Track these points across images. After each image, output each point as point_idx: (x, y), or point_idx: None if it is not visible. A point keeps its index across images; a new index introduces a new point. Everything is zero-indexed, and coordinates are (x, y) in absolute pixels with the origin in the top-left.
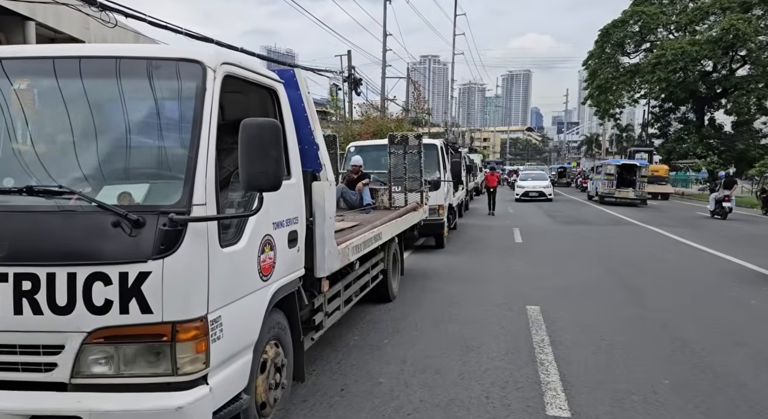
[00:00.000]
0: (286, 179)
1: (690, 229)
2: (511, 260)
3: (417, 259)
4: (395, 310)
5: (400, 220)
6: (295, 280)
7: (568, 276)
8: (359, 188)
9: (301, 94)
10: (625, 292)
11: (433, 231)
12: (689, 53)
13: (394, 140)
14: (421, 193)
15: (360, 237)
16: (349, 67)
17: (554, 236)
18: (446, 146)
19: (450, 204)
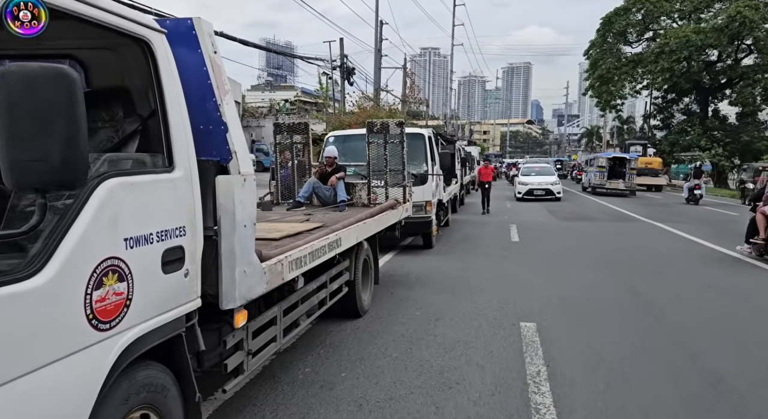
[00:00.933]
0: (163, 172)
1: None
2: (506, 262)
3: (401, 261)
4: (363, 329)
5: (371, 221)
6: (179, 319)
7: (568, 283)
8: (332, 183)
9: (203, 55)
10: (633, 301)
11: (419, 230)
12: (694, 42)
13: (373, 128)
14: (403, 188)
15: (305, 247)
16: (341, 56)
17: (553, 234)
18: (436, 137)
19: (440, 200)
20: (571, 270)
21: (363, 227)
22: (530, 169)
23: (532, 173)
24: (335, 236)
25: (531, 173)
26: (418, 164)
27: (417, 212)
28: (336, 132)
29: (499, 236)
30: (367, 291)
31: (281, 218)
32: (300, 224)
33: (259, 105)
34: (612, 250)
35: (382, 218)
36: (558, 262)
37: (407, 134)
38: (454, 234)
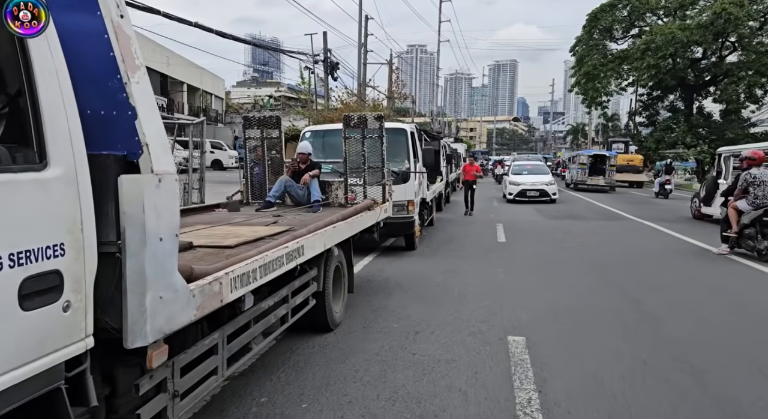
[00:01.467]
0: (27, 170)
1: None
2: (493, 266)
3: (380, 265)
4: (333, 346)
5: (343, 225)
6: (55, 369)
7: (558, 288)
8: (305, 181)
9: (103, 20)
10: (629, 308)
11: (401, 231)
12: (679, 39)
13: (350, 122)
14: (383, 187)
15: (255, 259)
16: (324, 50)
17: (541, 234)
18: (419, 132)
19: (423, 199)
20: (561, 274)
21: (333, 231)
22: (522, 167)
23: (524, 171)
24: (296, 244)
25: (523, 172)
26: (400, 161)
27: (398, 212)
28: (313, 127)
29: (485, 237)
30: (340, 302)
31: (246, 221)
32: (264, 228)
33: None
34: (602, 250)
35: (357, 221)
36: (547, 265)
37: (388, 129)
38: (439, 234)
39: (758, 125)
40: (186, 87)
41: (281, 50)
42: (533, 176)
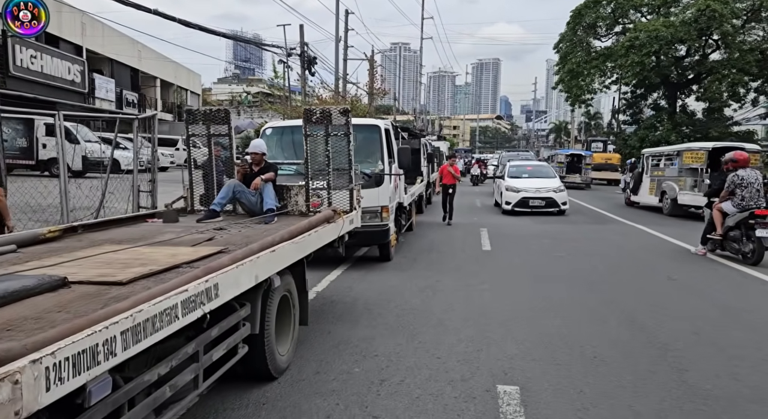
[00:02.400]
0: None
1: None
2: (478, 280)
3: (349, 280)
4: (273, 404)
5: (288, 246)
6: None
7: (554, 311)
8: (256, 186)
9: None
10: (642, 341)
11: (374, 241)
12: (664, 36)
13: (311, 117)
14: (350, 192)
15: (113, 320)
16: (301, 44)
17: (528, 241)
18: (395, 129)
19: (400, 203)
20: (556, 291)
21: (271, 257)
22: (520, 169)
23: (523, 174)
24: (204, 283)
25: (522, 175)
26: (373, 162)
27: (371, 220)
28: (274, 123)
29: (468, 244)
30: (287, 341)
31: (174, 238)
32: (189, 250)
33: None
34: (598, 261)
35: (310, 239)
36: (537, 278)
37: (359, 125)
38: (418, 241)
39: (743, 123)
40: (159, 82)
41: (254, 43)
42: (536, 181)
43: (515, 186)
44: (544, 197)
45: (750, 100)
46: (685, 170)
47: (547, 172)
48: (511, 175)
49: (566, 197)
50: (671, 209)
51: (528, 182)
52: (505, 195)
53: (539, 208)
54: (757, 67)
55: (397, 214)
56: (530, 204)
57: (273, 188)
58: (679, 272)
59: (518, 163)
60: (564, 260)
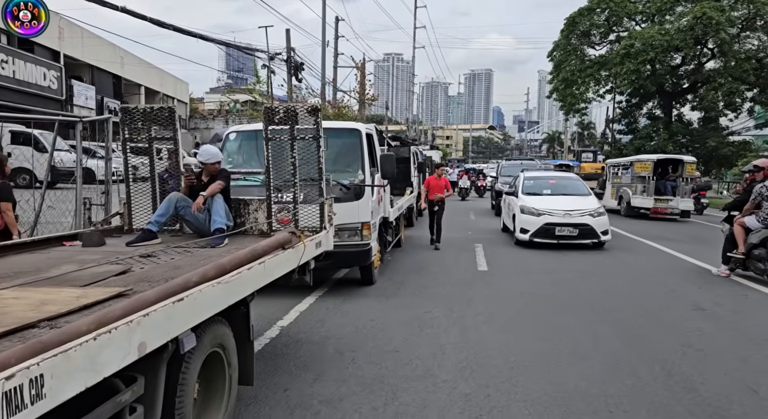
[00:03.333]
0: None
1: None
2: (472, 311)
3: (323, 311)
4: None
5: (211, 291)
6: None
7: (567, 358)
8: (198, 206)
9: None
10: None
11: (353, 262)
12: (660, 43)
13: (273, 117)
14: (320, 207)
15: None
16: (287, 49)
17: (529, 260)
18: (380, 134)
19: (385, 218)
20: (566, 325)
21: (172, 312)
22: (540, 182)
23: (544, 189)
24: (24, 371)
25: (543, 191)
26: (353, 172)
27: (350, 238)
28: (239, 127)
29: (462, 263)
30: (219, 413)
31: (75, 271)
32: (72, 294)
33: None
34: (609, 282)
35: (249, 275)
36: (543, 310)
37: (336, 129)
38: (406, 259)
39: (741, 133)
40: (143, 90)
41: (236, 46)
42: (564, 200)
43: (535, 207)
44: (577, 224)
45: (746, 109)
46: (636, 178)
47: (577, 187)
48: (528, 191)
49: (607, 222)
50: (626, 210)
51: (552, 202)
52: (520, 220)
53: (569, 238)
54: (755, 76)
55: (381, 230)
56: (557, 233)
57: (226, 202)
58: (704, 299)
59: (536, 174)
60: (570, 283)
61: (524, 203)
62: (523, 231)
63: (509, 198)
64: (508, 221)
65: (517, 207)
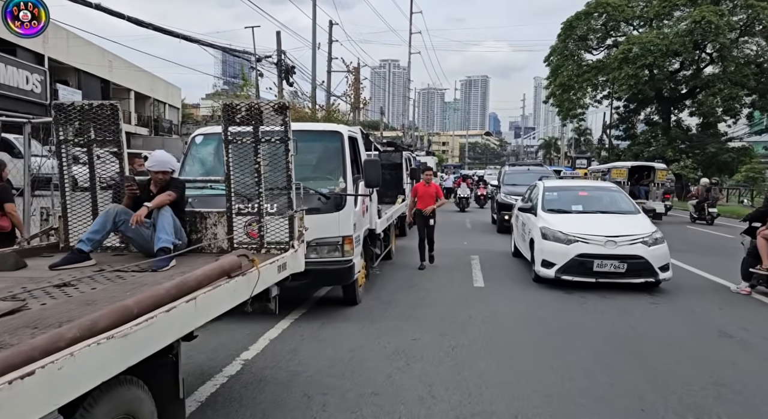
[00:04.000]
0: None
1: None
2: (467, 339)
3: (297, 338)
4: None
5: (98, 350)
6: None
7: (585, 402)
8: (138, 220)
9: None
10: None
11: (334, 281)
12: (659, 47)
13: (233, 116)
14: (290, 220)
15: None
16: (278, 52)
17: (527, 272)
18: (366, 138)
19: (371, 230)
20: (578, 358)
21: (27, 385)
22: (566, 194)
23: (572, 205)
24: None
25: (571, 207)
26: (333, 179)
27: (329, 254)
28: (206, 129)
29: (456, 279)
30: None
31: None
32: None
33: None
34: (623, 302)
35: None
36: (549, 337)
37: (315, 132)
38: (396, 273)
39: (744, 138)
40: (133, 95)
41: (223, 48)
42: (603, 219)
43: (562, 230)
44: (626, 256)
45: (745, 115)
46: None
47: (618, 201)
48: (551, 207)
49: (667, 253)
50: None
51: (587, 223)
52: (541, 248)
53: (614, 276)
54: (755, 81)
55: (367, 243)
56: (596, 269)
57: (179, 216)
58: (730, 323)
59: (561, 184)
60: (575, 301)
61: (546, 223)
62: (546, 264)
63: (524, 216)
64: (523, 246)
65: (536, 230)
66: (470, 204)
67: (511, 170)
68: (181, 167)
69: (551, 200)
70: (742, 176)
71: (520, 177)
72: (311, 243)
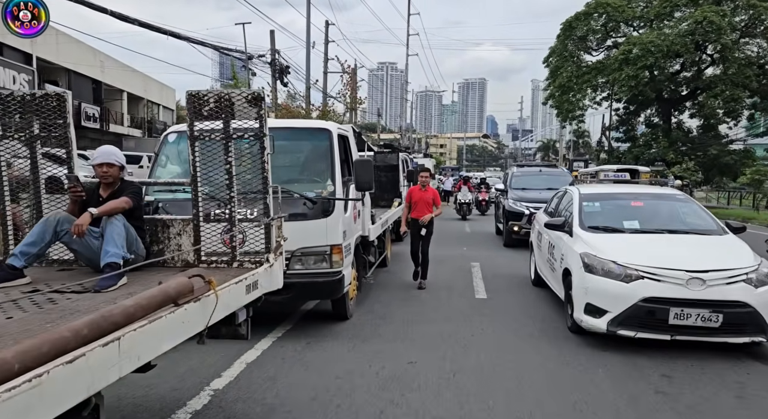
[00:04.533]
0: None
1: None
2: (471, 362)
3: (277, 361)
4: None
5: None
6: None
7: None
8: (79, 229)
9: None
10: None
11: (320, 294)
12: (660, 47)
13: (200, 109)
14: (266, 229)
15: None
16: (272, 51)
17: (530, 282)
18: (358, 136)
19: (364, 237)
20: (595, 389)
21: None
22: (614, 205)
23: (625, 221)
24: None
25: (624, 223)
26: (321, 182)
27: (316, 265)
28: (180, 126)
29: (456, 289)
30: None
31: None
32: None
33: None
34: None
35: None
36: (563, 358)
37: (300, 129)
38: (392, 282)
39: (747, 140)
40: (126, 96)
41: (214, 46)
42: (676, 243)
43: (618, 261)
44: (720, 303)
45: (746, 117)
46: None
47: (693, 216)
48: (594, 224)
49: None
50: None
51: (653, 249)
52: (584, 284)
53: (701, 332)
54: (757, 82)
55: (360, 251)
56: (672, 320)
57: (134, 224)
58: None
59: (603, 190)
60: None
61: (590, 248)
62: (593, 311)
63: (552, 235)
64: (551, 278)
65: (573, 257)
66: (472, 211)
67: (519, 171)
68: (152, 168)
69: (592, 213)
70: (747, 178)
71: (531, 180)
72: (296, 253)
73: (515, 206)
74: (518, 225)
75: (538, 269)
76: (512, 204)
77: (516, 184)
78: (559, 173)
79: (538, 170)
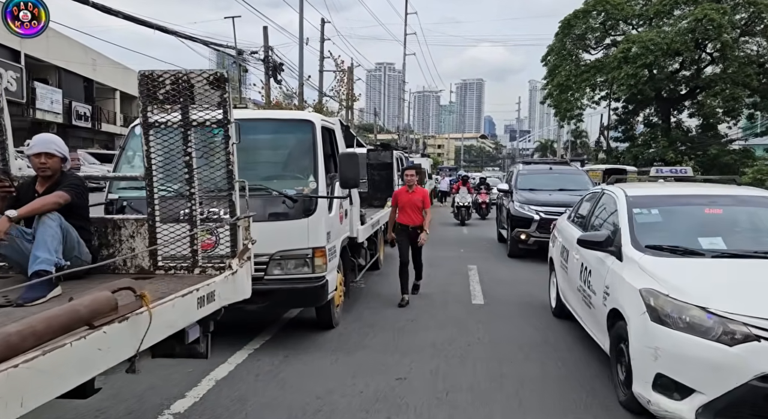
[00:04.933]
0: None
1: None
2: (466, 380)
3: (250, 378)
4: None
5: None
6: None
7: None
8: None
9: None
10: None
11: (302, 303)
12: (659, 46)
13: (155, 92)
14: (232, 231)
15: None
16: (265, 48)
17: (531, 288)
18: (346, 130)
19: (353, 239)
20: (606, 410)
21: None
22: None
23: (702, 238)
24: None
25: (700, 241)
26: (303, 178)
27: (296, 269)
28: None
29: (451, 294)
30: None
31: None
32: None
33: None
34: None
35: None
36: (567, 374)
37: (282, 121)
38: (383, 286)
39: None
40: (119, 94)
41: (203, 41)
42: None
43: (710, 308)
44: None
45: (745, 116)
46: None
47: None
48: (654, 242)
49: None
50: None
51: (757, 285)
52: (655, 343)
53: None
54: (757, 81)
55: (347, 254)
56: None
57: (78, 224)
58: None
59: (658, 192)
60: None
61: (658, 283)
62: (670, 388)
63: (588, 254)
64: (583, 310)
65: (628, 294)
66: (471, 215)
67: (526, 169)
68: (116, 163)
69: (649, 225)
70: (749, 178)
71: (540, 180)
72: (275, 256)
73: (522, 211)
74: (526, 233)
75: (562, 297)
76: (518, 208)
77: (522, 184)
78: (572, 171)
79: (547, 167)
